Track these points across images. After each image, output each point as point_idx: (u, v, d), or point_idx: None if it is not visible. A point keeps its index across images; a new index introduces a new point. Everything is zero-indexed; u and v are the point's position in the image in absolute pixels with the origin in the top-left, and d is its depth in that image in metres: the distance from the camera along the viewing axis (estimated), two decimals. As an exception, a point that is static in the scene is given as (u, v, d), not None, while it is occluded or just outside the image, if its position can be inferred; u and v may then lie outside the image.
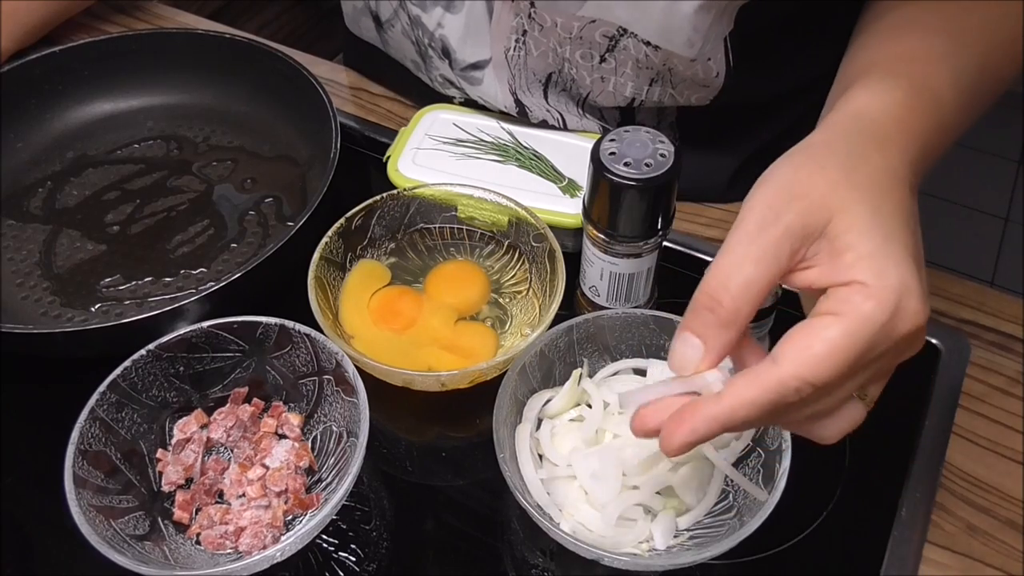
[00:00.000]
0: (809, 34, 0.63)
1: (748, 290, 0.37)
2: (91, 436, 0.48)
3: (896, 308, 0.36)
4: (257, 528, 0.49)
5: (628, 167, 0.49)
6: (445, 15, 0.64)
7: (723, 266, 0.37)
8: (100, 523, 0.45)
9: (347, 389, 0.50)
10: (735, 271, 0.37)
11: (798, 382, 0.36)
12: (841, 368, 0.36)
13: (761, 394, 0.36)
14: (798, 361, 0.36)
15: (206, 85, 0.75)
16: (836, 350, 0.36)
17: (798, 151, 0.41)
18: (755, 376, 0.37)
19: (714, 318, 0.37)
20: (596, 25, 0.58)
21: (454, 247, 0.63)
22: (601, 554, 0.44)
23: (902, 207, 0.39)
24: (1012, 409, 0.56)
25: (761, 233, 0.37)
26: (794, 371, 0.36)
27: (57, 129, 0.73)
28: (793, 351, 0.36)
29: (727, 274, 0.37)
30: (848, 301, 0.36)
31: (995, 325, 0.61)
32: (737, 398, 0.37)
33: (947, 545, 0.51)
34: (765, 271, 0.37)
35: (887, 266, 0.37)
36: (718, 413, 0.37)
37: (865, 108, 0.43)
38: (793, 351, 0.36)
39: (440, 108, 0.69)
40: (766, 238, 0.37)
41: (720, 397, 0.37)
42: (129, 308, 0.61)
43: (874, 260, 0.37)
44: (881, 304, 0.36)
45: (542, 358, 0.52)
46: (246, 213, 0.67)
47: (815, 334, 0.36)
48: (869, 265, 0.37)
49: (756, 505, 0.45)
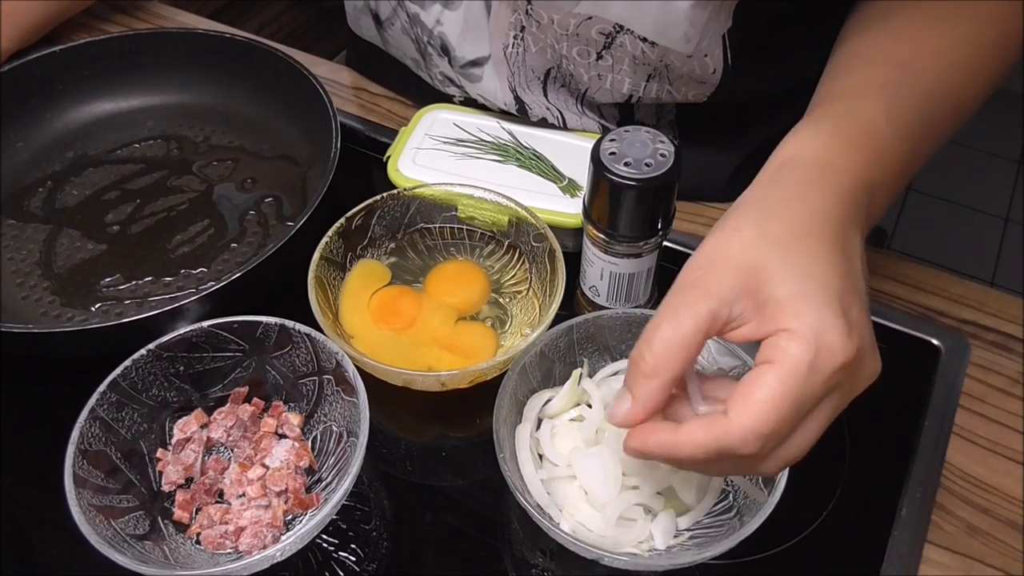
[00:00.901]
0: (809, 32, 0.63)
1: (667, 348, 0.39)
2: (91, 436, 0.48)
3: (818, 346, 0.38)
4: (257, 528, 0.49)
5: (628, 167, 0.49)
6: (443, 12, 0.64)
7: (649, 327, 0.40)
8: (100, 523, 0.45)
9: (347, 389, 0.50)
10: (655, 331, 0.40)
11: (743, 432, 0.38)
12: (782, 413, 0.38)
13: (708, 440, 0.39)
14: (743, 412, 0.38)
15: (206, 85, 0.75)
16: (774, 397, 0.38)
17: (725, 216, 0.44)
18: (708, 423, 0.39)
19: (639, 372, 0.40)
20: (592, 22, 0.58)
21: (454, 247, 0.63)
22: (601, 554, 0.44)
23: (825, 246, 0.41)
24: (1012, 409, 0.56)
25: (681, 297, 0.40)
26: (740, 422, 0.38)
27: (57, 129, 0.73)
28: (739, 402, 0.38)
29: (650, 334, 0.40)
30: (777, 347, 0.38)
31: (995, 325, 0.61)
32: (687, 436, 0.39)
33: (947, 545, 0.51)
34: (681, 331, 0.39)
35: (803, 306, 0.39)
36: (668, 442, 0.40)
37: (790, 156, 0.46)
38: (739, 402, 0.38)
39: (440, 108, 0.69)
40: (683, 300, 0.40)
41: (676, 430, 0.40)
42: (129, 308, 0.61)
43: (792, 303, 0.39)
44: (804, 344, 0.38)
45: (542, 358, 0.52)
46: (246, 213, 0.67)
47: (754, 383, 0.38)
48: (788, 309, 0.39)
49: (756, 505, 0.45)
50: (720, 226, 0.43)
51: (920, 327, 0.59)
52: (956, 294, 0.62)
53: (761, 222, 0.42)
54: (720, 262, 0.41)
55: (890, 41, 0.52)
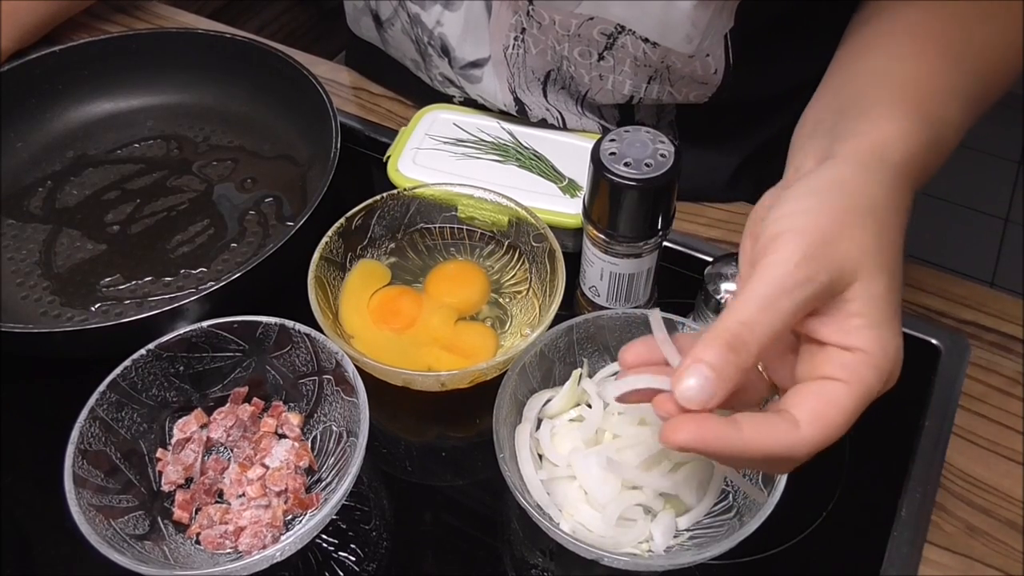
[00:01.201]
0: (810, 32, 0.63)
1: (772, 342, 0.37)
2: (91, 436, 0.48)
3: (887, 372, 0.38)
4: (257, 528, 0.49)
5: (628, 167, 0.49)
6: (444, 13, 0.64)
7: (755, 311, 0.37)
8: (100, 523, 0.45)
9: (347, 389, 0.50)
10: (766, 318, 0.37)
11: (813, 447, 0.37)
12: (845, 430, 0.38)
13: (777, 447, 0.37)
14: (818, 428, 0.37)
15: (206, 85, 0.75)
16: (846, 419, 0.38)
17: (833, 190, 0.41)
18: (779, 431, 0.37)
19: (736, 360, 0.37)
20: (594, 23, 0.58)
21: (454, 247, 0.63)
22: (601, 554, 0.44)
23: (900, 259, 0.41)
24: (1012, 409, 0.56)
25: (796, 289, 0.37)
26: (813, 438, 0.37)
27: (57, 129, 0.73)
28: (813, 417, 0.37)
29: (758, 320, 0.37)
30: (855, 371, 0.38)
31: (995, 325, 0.61)
32: (756, 439, 0.37)
33: (947, 545, 0.51)
34: (790, 325, 0.38)
35: (890, 339, 0.39)
36: (730, 441, 0.37)
37: (892, 152, 0.43)
38: (813, 417, 0.37)
39: (440, 108, 0.69)
40: (800, 296, 0.37)
41: (740, 429, 0.37)
42: (129, 308, 0.61)
43: (881, 332, 0.38)
44: (880, 374, 0.38)
45: (542, 358, 0.52)
46: (246, 213, 0.67)
47: (832, 402, 0.38)
48: (876, 337, 0.38)
49: (756, 505, 0.45)
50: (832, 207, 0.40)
51: (920, 327, 0.59)
52: (956, 294, 0.62)
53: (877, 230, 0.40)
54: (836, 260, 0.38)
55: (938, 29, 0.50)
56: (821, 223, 0.39)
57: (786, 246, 0.38)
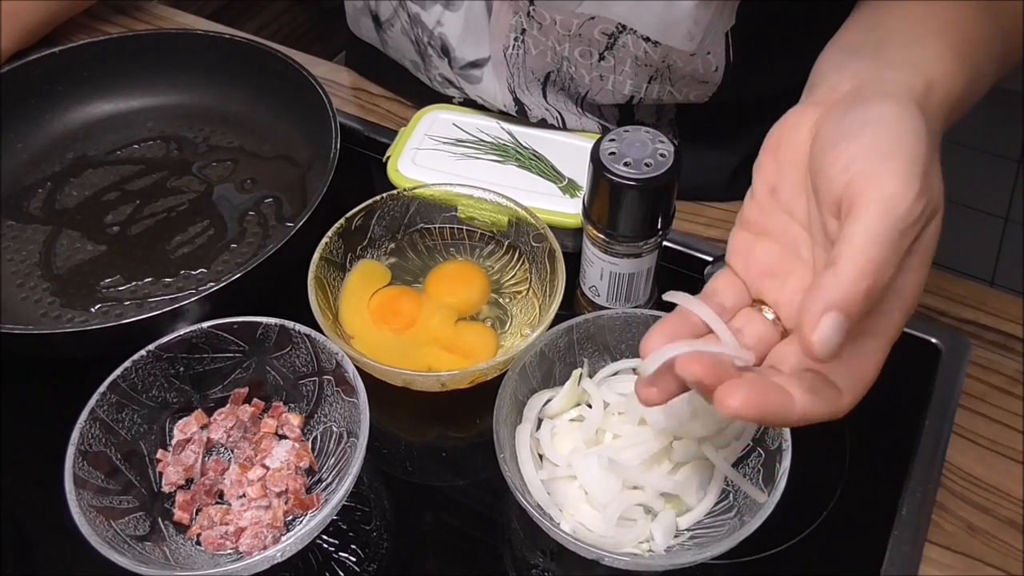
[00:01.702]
0: (810, 32, 0.62)
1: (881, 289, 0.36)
2: (91, 436, 0.48)
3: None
4: (257, 528, 0.49)
5: (628, 167, 0.49)
6: (444, 13, 0.64)
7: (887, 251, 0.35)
8: (100, 523, 0.45)
9: (347, 389, 0.50)
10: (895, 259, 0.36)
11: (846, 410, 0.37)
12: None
13: (820, 415, 0.37)
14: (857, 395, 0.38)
15: (206, 85, 0.75)
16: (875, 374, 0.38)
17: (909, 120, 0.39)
18: (825, 401, 0.37)
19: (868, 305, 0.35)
20: (595, 22, 0.58)
21: (454, 247, 0.63)
22: (601, 554, 0.44)
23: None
24: (1012, 409, 0.56)
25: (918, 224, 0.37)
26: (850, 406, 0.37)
27: (57, 129, 0.73)
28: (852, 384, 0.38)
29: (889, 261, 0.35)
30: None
31: (995, 325, 0.61)
32: (804, 414, 0.36)
33: (947, 545, 0.51)
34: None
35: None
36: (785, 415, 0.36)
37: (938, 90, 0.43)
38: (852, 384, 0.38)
39: (440, 108, 0.69)
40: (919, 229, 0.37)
41: (792, 400, 0.36)
42: (129, 308, 0.61)
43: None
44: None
45: (542, 358, 0.52)
46: (246, 213, 0.67)
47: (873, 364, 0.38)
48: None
49: (756, 505, 0.45)
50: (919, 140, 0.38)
51: (920, 327, 0.59)
52: (956, 294, 0.62)
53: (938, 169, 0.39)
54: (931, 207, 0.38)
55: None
56: (923, 152, 0.37)
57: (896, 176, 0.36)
